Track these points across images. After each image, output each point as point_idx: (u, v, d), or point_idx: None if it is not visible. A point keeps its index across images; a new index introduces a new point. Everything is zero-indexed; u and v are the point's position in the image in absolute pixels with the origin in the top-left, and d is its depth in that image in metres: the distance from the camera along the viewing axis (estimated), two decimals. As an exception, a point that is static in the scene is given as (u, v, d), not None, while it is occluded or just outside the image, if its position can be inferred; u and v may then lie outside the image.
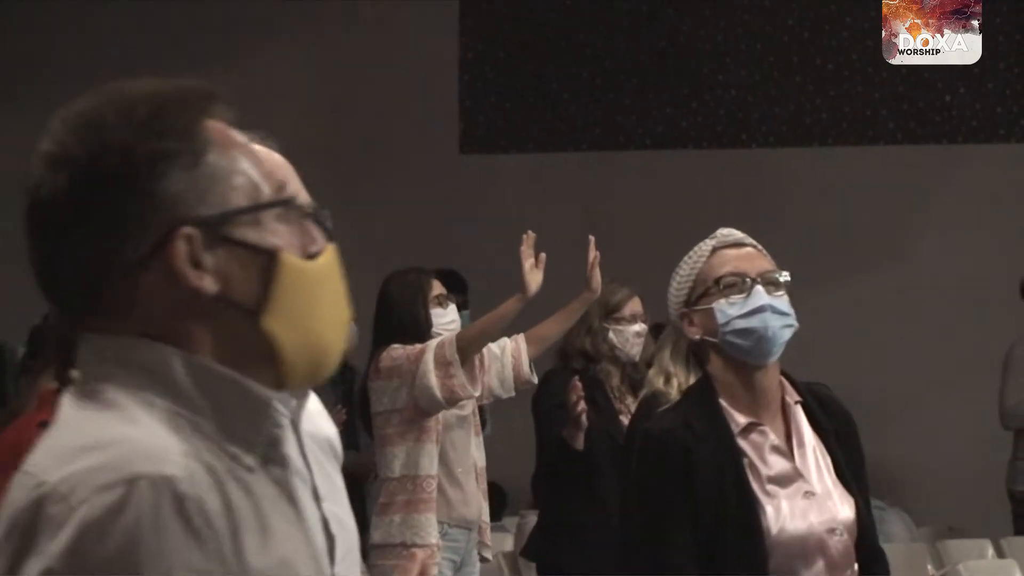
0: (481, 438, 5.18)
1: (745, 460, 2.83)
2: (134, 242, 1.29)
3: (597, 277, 4.92)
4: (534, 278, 4.76)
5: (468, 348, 4.72)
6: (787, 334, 2.87)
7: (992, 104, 8.82)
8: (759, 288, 2.85)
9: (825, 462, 2.90)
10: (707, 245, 2.95)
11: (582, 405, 4.90)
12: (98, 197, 1.29)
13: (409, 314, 4.92)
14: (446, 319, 5.04)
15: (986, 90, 8.76)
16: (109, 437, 1.24)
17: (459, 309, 5.36)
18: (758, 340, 2.83)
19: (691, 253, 2.97)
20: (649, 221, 8.42)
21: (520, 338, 5.06)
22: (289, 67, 8.37)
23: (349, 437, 6.26)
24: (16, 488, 1.27)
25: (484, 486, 5.14)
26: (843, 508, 2.85)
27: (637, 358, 5.33)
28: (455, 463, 4.97)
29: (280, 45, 8.85)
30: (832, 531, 2.80)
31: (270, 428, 1.34)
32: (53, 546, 1.19)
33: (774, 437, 2.87)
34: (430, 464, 4.83)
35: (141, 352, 1.30)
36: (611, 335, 5.28)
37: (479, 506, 5.07)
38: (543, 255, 4.84)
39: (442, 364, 4.67)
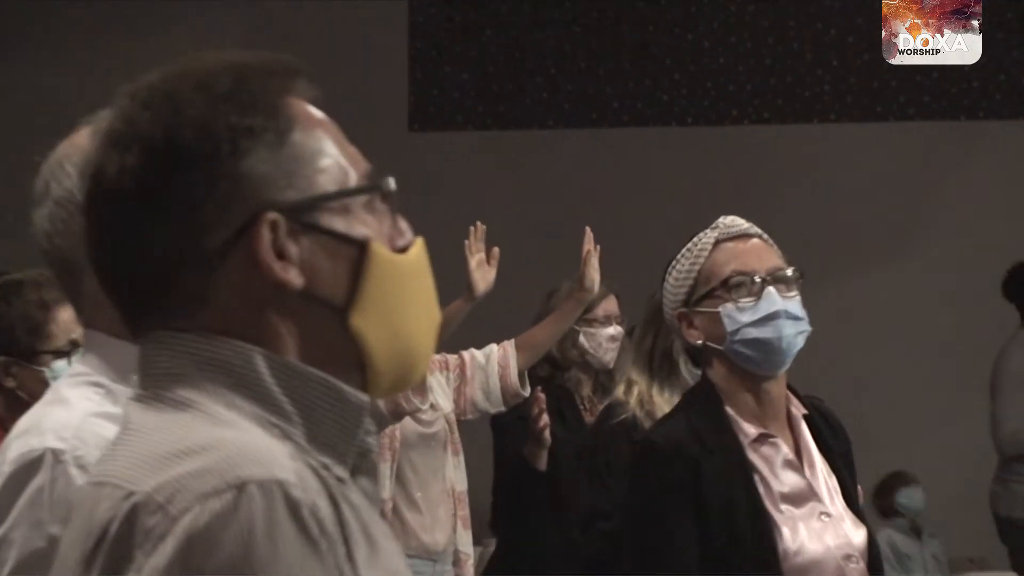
0: (460, 457, 5.02)
1: (756, 476, 2.82)
2: (213, 229, 1.29)
3: (592, 274, 4.84)
4: (483, 276, 4.67)
5: None
6: (801, 341, 2.85)
7: (1017, 75, 8.51)
8: (771, 290, 2.82)
9: (832, 483, 2.88)
10: (709, 237, 2.91)
11: (544, 419, 4.81)
12: (174, 178, 1.29)
13: None
14: None
15: (1010, 60, 8.42)
16: (203, 440, 1.23)
17: None
18: (771, 351, 2.81)
19: (690, 246, 2.93)
20: (626, 208, 8.22)
21: (508, 345, 4.96)
22: (225, 35, 8.08)
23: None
24: (96, 503, 1.25)
25: (465, 512, 5.00)
26: (857, 533, 2.85)
27: (611, 365, 5.29)
28: (414, 486, 4.85)
29: (216, 13, 8.56)
30: (849, 557, 2.80)
31: (363, 437, 1.35)
32: (155, 560, 1.17)
33: (787, 450, 2.86)
34: (382, 487, 4.72)
35: (220, 350, 1.30)
36: (582, 339, 5.26)
37: (451, 535, 4.94)
38: (495, 250, 4.73)
39: None
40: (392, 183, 1.39)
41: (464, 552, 5.00)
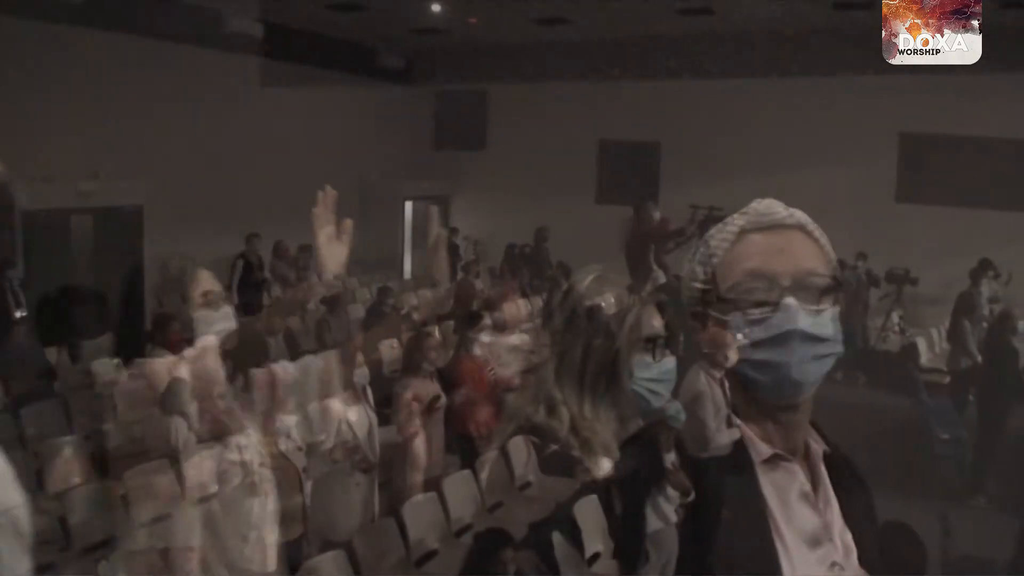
0: (272, 498, 4.75)
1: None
2: None
3: (440, 264, 4.60)
4: (333, 254, 4.47)
5: (243, 355, 4.33)
6: (825, 367, 2.68)
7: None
8: (790, 302, 2.66)
9: (846, 539, 2.73)
10: (734, 224, 2.79)
11: (415, 426, 4.92)
12: None
13: (161, 313, 4.71)
14: (217, 326, 4.61)
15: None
16: None
17: (256, 288, 5.16)
18: (780, 379, 2.67)
19: (714, 231, 2.82)
20: (544, 178, 8.30)
21: (330, 356, 4.68)
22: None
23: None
24: None
25: (277, 565, 4.83)
26: None
27: (516, 382, 5.11)
28: (227, 531, 4.57)
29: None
30: None
31: None
32: None
33: (804, 480, 2.70)
34: (187, 532, 4.50)
35: None
36: (476, 349, 5.44)
37: None
38: (348, 222, 4.49)
39: (204, 381, 4.29)
40: None
41: None
